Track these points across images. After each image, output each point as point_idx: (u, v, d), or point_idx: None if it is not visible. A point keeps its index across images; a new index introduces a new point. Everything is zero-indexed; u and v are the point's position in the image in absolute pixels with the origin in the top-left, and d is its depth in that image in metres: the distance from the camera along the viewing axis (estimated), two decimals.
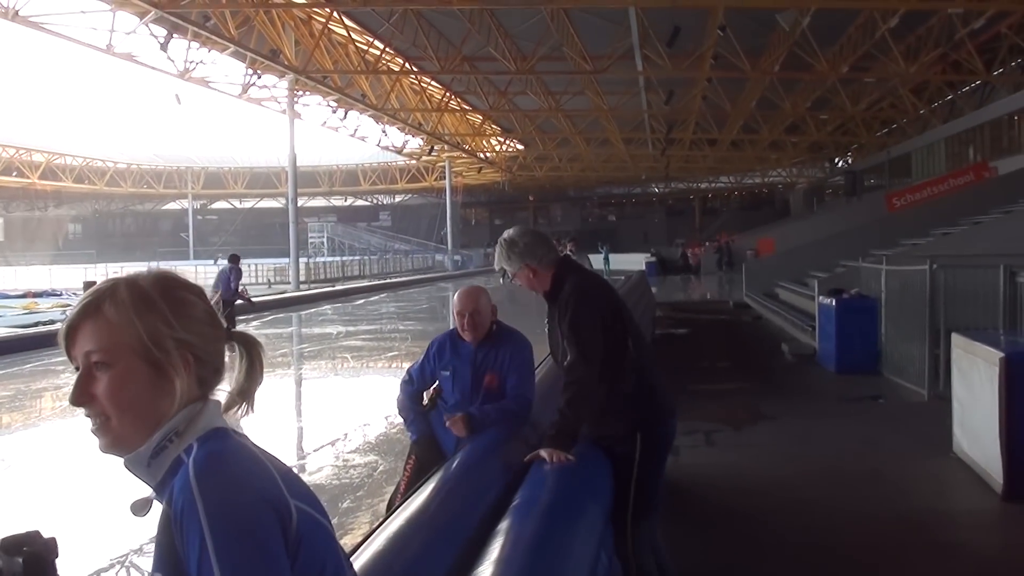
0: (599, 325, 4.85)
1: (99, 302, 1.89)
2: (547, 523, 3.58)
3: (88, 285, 19.71)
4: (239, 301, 23.71)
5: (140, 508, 1.93)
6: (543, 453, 4.49)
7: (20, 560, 1.73)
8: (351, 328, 28.91)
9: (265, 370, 2.08)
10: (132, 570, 7.00)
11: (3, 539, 1.75)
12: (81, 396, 1.87)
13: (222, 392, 2.01)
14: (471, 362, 5.74)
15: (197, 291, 1.99)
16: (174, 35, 35.86)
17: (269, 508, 1.76)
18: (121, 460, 1.90)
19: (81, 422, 1.81)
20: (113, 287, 1.92)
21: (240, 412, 2.01)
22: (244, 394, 2.02)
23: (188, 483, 1.75)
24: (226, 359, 2.04)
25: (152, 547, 1.89)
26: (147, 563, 6.92)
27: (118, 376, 1.85)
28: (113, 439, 1.88)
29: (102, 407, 1.86)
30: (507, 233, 5.19)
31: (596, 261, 64.07)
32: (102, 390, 1.86)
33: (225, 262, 23.91)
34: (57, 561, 1.77)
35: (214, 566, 1.68)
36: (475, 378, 5.70)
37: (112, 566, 7.05)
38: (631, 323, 5.15)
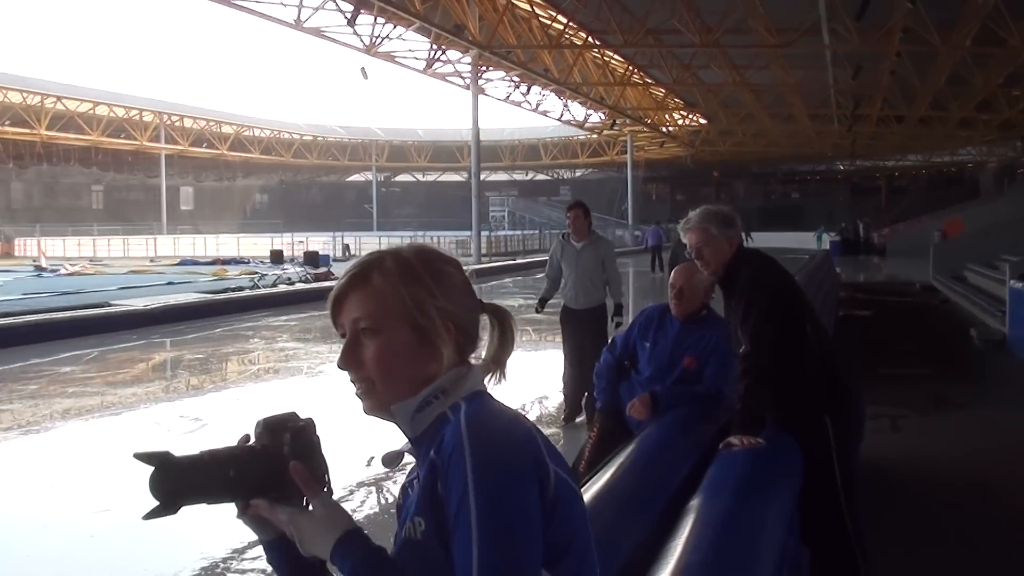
0: (775, 313, 4.77)
1: (367, 272, 1.99)
2: (738, 503, 3.59)
3: (275, 254, 20.48)
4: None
5: (391, 460, 2.06)
6: (733, 440, 4.46)
7: (288, 436, 1.86)
8: (531, 301, 29.08)
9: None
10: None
11: (266, 418, 1.88)
12: (349, 360, 1.96)
13: (474, 360, 2.08)
14: (673, 339, 5.75)
15: (454, 263, 2.08)
16: (361, 10, 36.41)
17: (531, 466, 1.82)
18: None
19: (267, 387, 1.88)
20: (380, 258, 2.01)
21: (493, 379, 2.09)
22: (497, 362, 2.10)
23: (459, 432, 1.82)
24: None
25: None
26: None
27: (385, 342, 1.95)
28: (376, 402, 1.97)
29: (368, 371, 1.95)
30: (715, 206, 5.15)
31: (807, 240, 63.19)
32: (369, 355, 1.95)
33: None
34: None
35: (472, 509, 1.75)
36: (673, 356, 5.70)
37: None
38: (809, 308, 5.09)
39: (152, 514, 1.75)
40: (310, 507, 1.88)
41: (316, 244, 52.81)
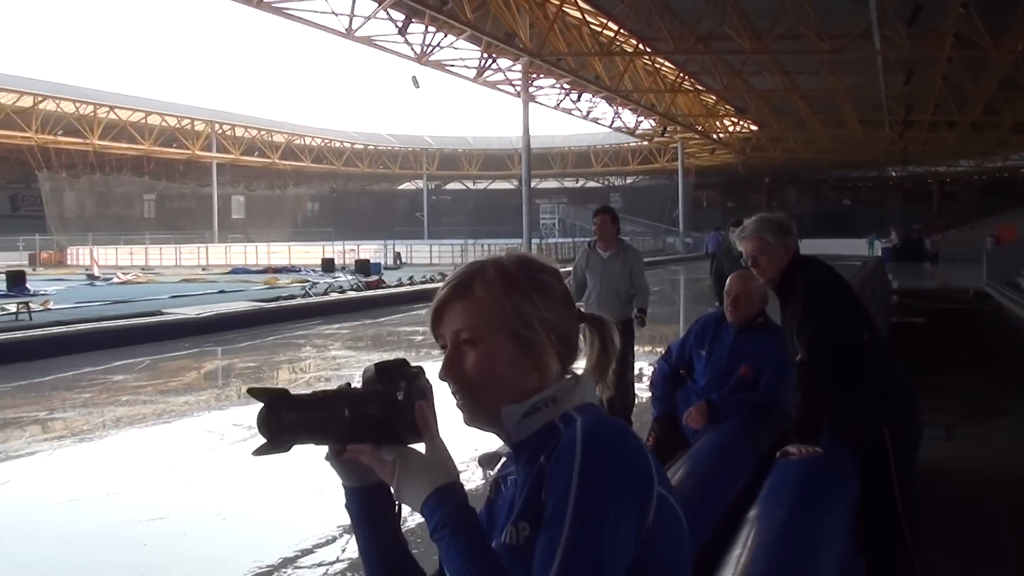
0: (832, 320, 4.74)
1: (469, 282, 1.96)
2: (796, 513, 3.56)
3: (326, 262, 20.52)
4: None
5: (488, 461, 2.05)
6: (791, 449, 4.43)
7: (403, 382, 1.84)
8: (582, 310, 29.04)
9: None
10: None
11: (379, 363, 1.86)
12: (450, 372, 1.94)
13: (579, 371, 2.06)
14: (729, 347, 5.72)
15: (554, 272, 2.06)
16: (412, 20, 36.50)
17: (639, 490, 1.79)
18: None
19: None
20: (481, 268, 1.99)
21: (598, 390, 2.05)
22: (599, 373, 2.06)
23: (575, 442, 1.80)
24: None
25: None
26: None
27: (487, 353, 1.93)
28: (477, 413, 1.96)
29: (469, 383, 1.93)
30: (770, 214, 5.13)
31: (859, 246, 62.63)
32: (470, 366, 1.93)
33: None
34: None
35: (568, 512, 1.73)
36: (729, 364, 5.67)
37: None
38: (866, 316, 5.05)
39: (261, 451, 1.75)
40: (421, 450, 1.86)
41: (367, 252, 52.85)
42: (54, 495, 9.13)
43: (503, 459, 2.04)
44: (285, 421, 1.75)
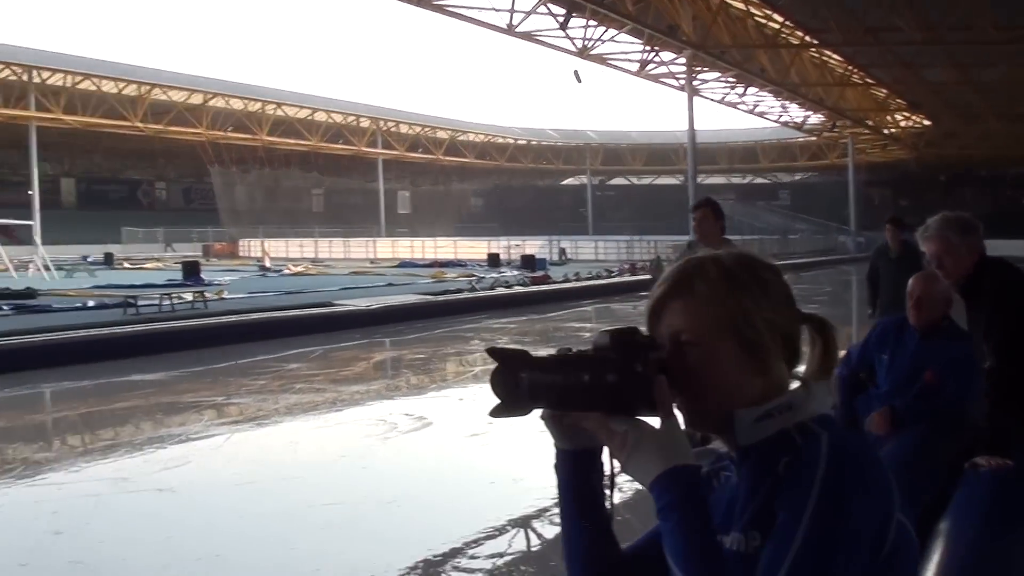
0: (1022, 326, 4.55)
1: (689, 281, 1.87)
2: (988, 528, 3.49)
3: (492, 257, 20.64)
4: None
5: (701, 456, 1.94)
6: (980, 460, 4.26)
7: (642, 353, 1.75)
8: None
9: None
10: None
11: (612, 331, 1.77)
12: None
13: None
14: (912, 352, 5.49)
15: (776, 270, 1.95)
16: (573, 14, 36.55)
17: (878, 510, 1.70)
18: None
19: (488, 388, 1.79)
20: (701, 265, 1.89)
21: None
22: (822, 376, 1.94)
23: (819, 454, 1.72)
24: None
25: None
26: None
27: (709, 355, 1.83)
28: (698, 415, 1.87)
29: (691, 385, 1.83)
30: (954, 213, 4.93)
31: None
32: (692, 369, 1.83)
33: None
34: None
35: (802, 527, 1.65)
36: (912, 369, 5.44)
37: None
38: None
39: (497, 412, 1.73)
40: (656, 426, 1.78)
41: (532, 248, 52.87)
42: (231, 476, 9.41)
43: (714, 455, 1.98)
44: (523, 383, 1.71)
